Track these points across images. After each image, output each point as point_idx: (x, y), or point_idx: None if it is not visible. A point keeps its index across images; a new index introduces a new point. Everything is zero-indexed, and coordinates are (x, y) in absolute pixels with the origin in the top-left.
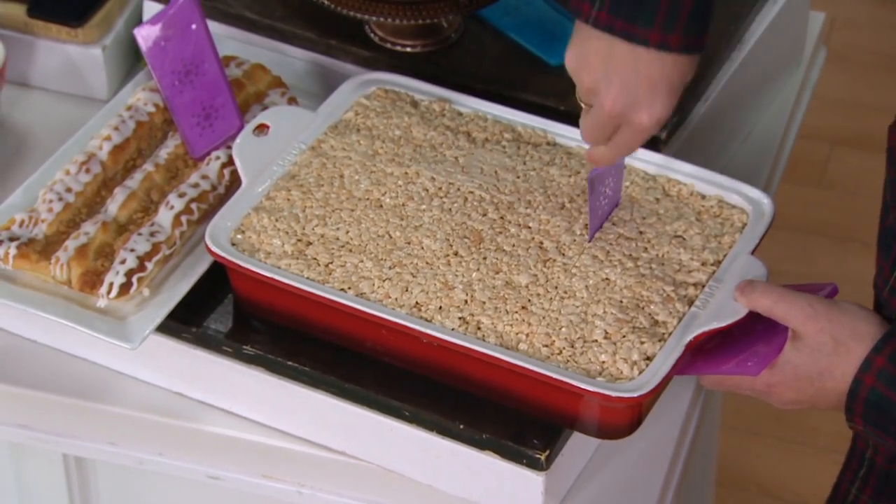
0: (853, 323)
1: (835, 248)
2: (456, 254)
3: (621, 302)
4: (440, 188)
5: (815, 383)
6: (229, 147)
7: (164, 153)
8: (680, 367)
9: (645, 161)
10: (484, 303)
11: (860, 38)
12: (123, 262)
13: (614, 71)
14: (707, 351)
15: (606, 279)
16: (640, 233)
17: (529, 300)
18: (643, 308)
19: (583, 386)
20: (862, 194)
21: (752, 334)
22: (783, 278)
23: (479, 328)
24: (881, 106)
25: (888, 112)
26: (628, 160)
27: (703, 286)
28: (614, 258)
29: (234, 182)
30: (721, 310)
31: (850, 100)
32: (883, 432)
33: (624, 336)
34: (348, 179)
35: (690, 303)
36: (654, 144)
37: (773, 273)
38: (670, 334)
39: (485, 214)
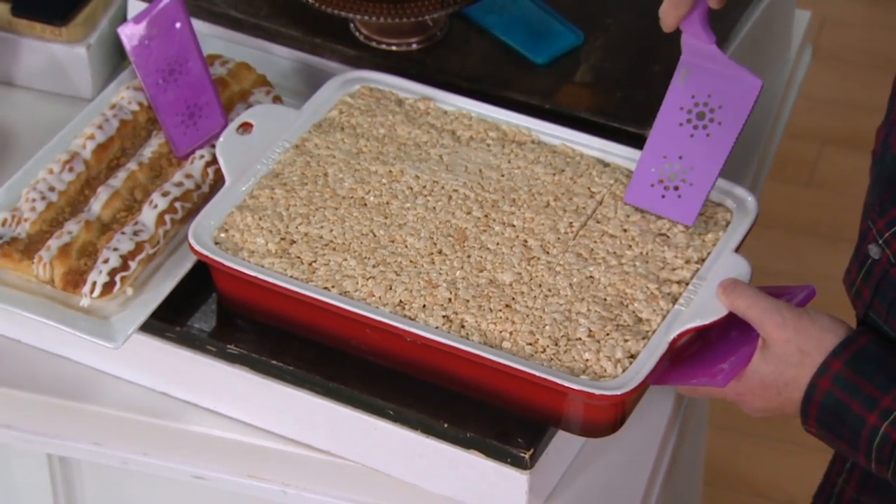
0: (820, 334)
1: (823, 248)
2: (440, 252)
3: (605, 300)
4: (424, 186)
5: (781, 393)
6: (213, 146)
7: (147, 152)
8: (663, 365)
9: (629, 158)
10: (468, 301)
11: (851, 37)
12: (107, 261)
13: None
14: (681, 360)
15: (590, 277)
16: (624, 230)
17: (513, 298)
18: (627, 306)
19: (566, 384)
20: (851, 194)
21: (727, 340)
22: (771, 277)
23: (462, 326)
24: (871, 105)
25: (879, 112)
26: (613, 159)
27: (687, 284)
28: (598, 256)
29: (218, 181)
30: (704, 307)
31: (840, 99)
32: (835, 436)
33: (608, 334)
34: (332, 178)
35: (674, 300)
36: (639, 141)
37: (762, 272)
38: (654, 332)
39: (469, 213)
